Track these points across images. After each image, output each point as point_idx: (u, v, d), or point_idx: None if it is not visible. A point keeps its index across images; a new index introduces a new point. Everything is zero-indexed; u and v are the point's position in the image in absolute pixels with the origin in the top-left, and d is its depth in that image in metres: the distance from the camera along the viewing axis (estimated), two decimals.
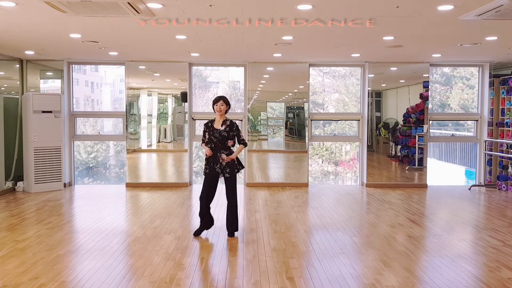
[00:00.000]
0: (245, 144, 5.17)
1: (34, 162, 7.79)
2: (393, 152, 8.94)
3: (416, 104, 8.67)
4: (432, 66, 8.76)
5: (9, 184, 7.92)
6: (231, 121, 5.16)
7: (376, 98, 8.86)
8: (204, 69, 9.68)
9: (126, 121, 8.63)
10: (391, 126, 8.88)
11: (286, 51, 7.27)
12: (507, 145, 8.27)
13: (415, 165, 8.74)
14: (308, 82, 8.70)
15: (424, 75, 8.64)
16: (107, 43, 6.61)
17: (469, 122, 9.70)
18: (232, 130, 5.10)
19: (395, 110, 8.93)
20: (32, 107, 7.74)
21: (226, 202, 5.24)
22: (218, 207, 6.66)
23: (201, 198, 5.15)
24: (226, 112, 5.18)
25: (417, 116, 8.67)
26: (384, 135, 8.88)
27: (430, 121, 8.78)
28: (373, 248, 4.73)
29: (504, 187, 8.28)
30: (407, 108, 8.79)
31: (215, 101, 5.13)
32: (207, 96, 9.96)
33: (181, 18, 4.93)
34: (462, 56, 7.74)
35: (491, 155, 8.64)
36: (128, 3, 4.26)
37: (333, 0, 4.26)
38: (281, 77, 8.98)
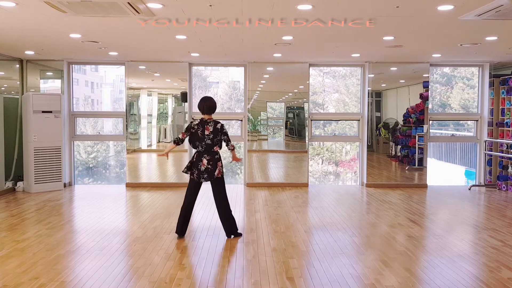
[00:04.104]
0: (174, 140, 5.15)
1: (34, 162, 7.79)
2: (393, 152, 8.94)
3: (416, 104, 8.67)
4: (432, 66, 8.76)
5: (9, 184, 7.92)
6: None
7: (376, 98, 8.86)
8: (204, 69, 9.68)
9: (126, 121, 8.63)
10: (391, 126, 8.88)
11: (286, 51, 7.27)
12: (507, 145, 8.27)
13: (415, 165, 8.74)
14: (308, 82, 8.70)
15: (424, 75, 8.64)
16: (107, 43, 6.61)
17: (469, 122, 9.70)
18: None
19: (395, 110, 8.93)
20: (32, 107, 7.74)
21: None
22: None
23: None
24: None
25: (417, 116, 8.67)
26: (384, 135, 8.88)
27: (430, 121, 8.78)
28: (373, 248, 4.73)
29: (504, 187, 8.28)
30: (407, 108, 8.79)
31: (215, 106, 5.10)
32: None
33: (181, 18, 4.93)
34: (462, 56, 7.75)
35: (491, 155, 8.64)
36: (128, 3, 4.26)
37: (333, 0, 4.26)
38: (281, 77, 8.98)
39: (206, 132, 4.94)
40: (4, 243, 4.81)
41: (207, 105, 5.01)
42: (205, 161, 4.95)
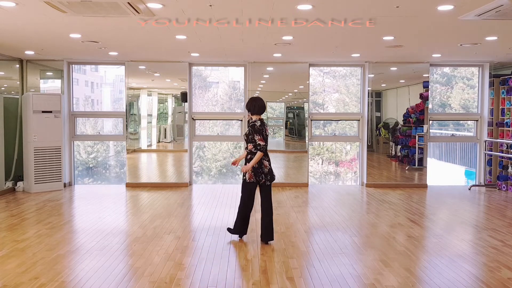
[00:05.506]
0: (258, 149, 4.71)
1: (34, 162, 7.79)
2: (393, 152, 8.94)
3: (416, 104, 8.67)
4: (432, 66, 8.76)
5: (9, 184, 7.92)
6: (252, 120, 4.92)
7: (376, 98, 8.86)
8: (204, 69, 9.68)
9: (126, 121, 8.63)
10: (391, 126, 8.88)
11: (286, 51, 7.27)
12: (507, 145, 8.27)
13: (415, 165, 8.74)
14: (308, 82, 8.70)
15: (424, 75, 8.64)
16: (107, 43, 6.61)
17: (469, 122, 9.70)
18: (250, 132, 4.81)
19: (395, 110, 8.93)
20: (32, 107, 7.74)
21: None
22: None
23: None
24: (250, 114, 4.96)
25: (417, 116, 8.67)
26: (384, 135, 8.88)
27: (430, 121, 8.78)
28: (373, 248, 4.73)
29: (504, 187, 8.28)
30: (407, 108, 8.79)
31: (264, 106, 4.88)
32: (207, 96, 9.97)
33: (181, 18, 4.93)
34: (462, 56, 7.74)
35: (491, 155, 8.64)
36: (128, 3, 4.26)
37: (333, 0, 4.26)
38: (281, 77, 8.98)
39: (267, 133, 4.84)
40: (4, 243, 4.81)
41: (258, 104, 4.83)
42: (266, 163, 4.83)
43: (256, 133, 4.73)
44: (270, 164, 4.90)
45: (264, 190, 4.90)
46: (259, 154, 4.71)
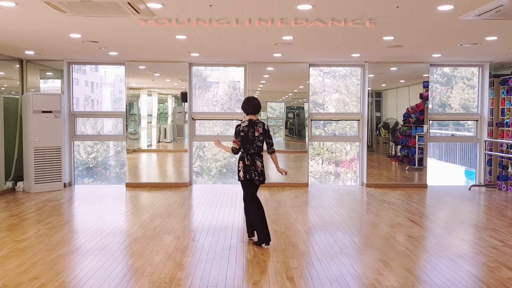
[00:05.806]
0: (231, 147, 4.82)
1: (34, 162, 7.79)
2: (393, 152, 8.94)
3: (416, 104, 8.67)
4: (432, 66, 8.76)
5: (9, 184, 7.92)
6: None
7: (376, 98, 8.86)
8: (204, 69, 9.68)
9: (126, 121, 8.63)
10: (391, 126, 8.88)
11: (286, 51, 7.27)
12: (507, 145, 8.27)
13: (415, 165, 8.74)
14: (308, 82, 8.70)
15: (424, 75, 8.64)
16: (107, 43, 6.61)
17: (469, 122, 9.70)
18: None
19: (395, 110, 8.93)
20: (32, 107, 7.74)
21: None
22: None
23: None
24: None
25: (417, 116, 8.67)
26: (384, 135, 8.88)
27: (430, 121, 8.78)
28: (373, 248, 4.73)
29: (504, 187, 8.28)
30: (407, 108, 8.79)
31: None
32: (207, 96, 9.97)
33: (181, 18, 4.93)
34: (462, 56, 7.74)
35: (491, 155, 8.64)
36: (128, 3, 4.26)
37: (333, 0, 4.26)
38: (281, 77, 8.98)
39: (256, 134, 4.75)
40: (4, 243, 4.81)
41: (252, 104, 4.79)
42: (259, 163, 4.79)
43: (234, 134, 4.78)
44: (262, 166, 4.86)
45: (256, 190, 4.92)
46: (230, 149, 4.83)
